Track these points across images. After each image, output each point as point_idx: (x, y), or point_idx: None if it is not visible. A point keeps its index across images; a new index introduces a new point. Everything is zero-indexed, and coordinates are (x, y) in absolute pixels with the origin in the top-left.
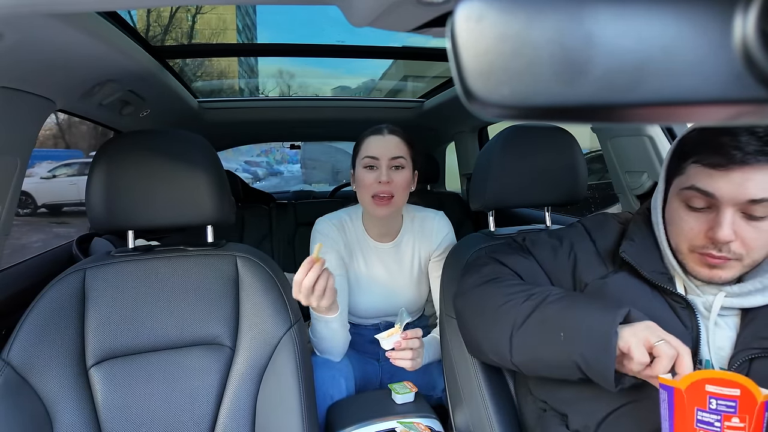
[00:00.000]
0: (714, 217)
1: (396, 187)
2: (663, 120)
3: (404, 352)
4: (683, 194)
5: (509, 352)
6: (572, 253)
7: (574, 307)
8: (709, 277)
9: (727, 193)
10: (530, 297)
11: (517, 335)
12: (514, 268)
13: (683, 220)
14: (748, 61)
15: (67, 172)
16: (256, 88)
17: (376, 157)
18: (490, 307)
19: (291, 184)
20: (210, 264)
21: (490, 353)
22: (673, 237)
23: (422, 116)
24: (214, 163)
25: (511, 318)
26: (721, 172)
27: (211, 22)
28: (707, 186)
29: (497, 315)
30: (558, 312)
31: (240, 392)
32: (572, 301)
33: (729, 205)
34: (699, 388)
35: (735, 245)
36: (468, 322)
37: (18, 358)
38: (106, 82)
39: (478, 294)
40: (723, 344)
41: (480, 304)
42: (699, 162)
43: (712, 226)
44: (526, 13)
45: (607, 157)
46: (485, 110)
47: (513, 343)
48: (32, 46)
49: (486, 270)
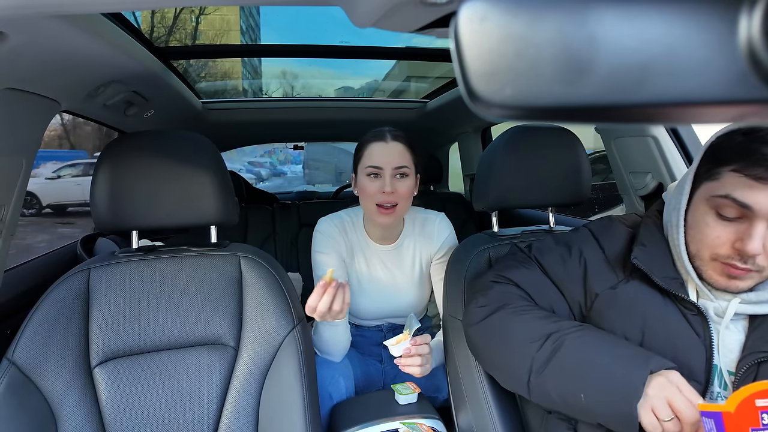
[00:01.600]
0: (745, 228)
1: (400, 197)
2: (667, 120)
3: (413, 359)
4: (715, 201)
5: (528, 393)
6: (582, 261)
7: (596, 359)
8: (726, 286)
9: (765, 207)
10: (548, 339)
11: (536, 380)
12: (521, 284)
13: (710, 227)
14: (753, 62)
15: (72, 173)
16: (259, 88)
17: (380, 166)
18: (504, 346)
19: (294, 184)
20: (213, 264)
21: (508, 386)
22: (695, 242)
23: (425, 117)
24: (218, 164)
25: (529, 363)
26: (762, 185)
27: (215, 23)
28: (745, 197)
29: (513, 357)
30: (578, 365)
31: (243, 392)
32: (592, 350)
33: (763, 218)
34: (749, 405)
35: (760, 258)
36: (482, 355)
37: (23, 357)
38: (111, 83)
39: (489, 326)
40: (732, 347)
41: (494, 339)
42: (739, 171)
43: (742, 238)
44: (530, 13)
45: (611, 158)
46: (488, 111)
47: (531, 387)
48: (37, 47)
49: (493, 294)
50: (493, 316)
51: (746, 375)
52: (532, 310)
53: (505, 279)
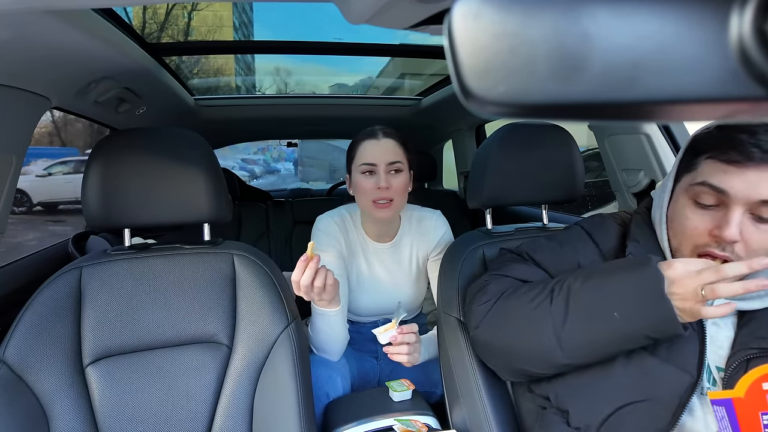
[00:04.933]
0: (722, 215)
1: (395, 192)
2: (659, 118)
3: (400, 347)
4: (693, 190)
5: (561, 354)
6: (576, 256)
7: (606, 281)
8: None
9: (740, 191)
10: (553, 293)
11: (564, 334)
12: (516, 276)
13: (688, 219)
14: (744, 59)
15: (63, 170)
16: (252, 85)
17: (374, 163)
18: (517, 323)
19: (288, 182)
20: (207, 262)
21: (534, 366)
22: (676, 236)
23: (419, 114)
24: (211, 161)
25: (549, 322)
26: (736, 169)
27: (208, 20)
28: (720, 182)
29: (530, 326)
30: (594, 294)
31: (237, 390)
32: (600, 278)
33: (739, 204)
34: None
35: (738, 247)
36: (497, 348)
37: (14, 356)
38: (102, 79)
39: (495, 316)
40: (722, 344)
41: (504, 324)
42: (714, 158)
43: (719, 225)
44: (523, 10)
45: (603, 155)
46: (482, 108)
47: (563, 344)
48: (27, 42)
49: (491, 288)
50: (496, 305)
51: (736, 371)
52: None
53: (500, 275)
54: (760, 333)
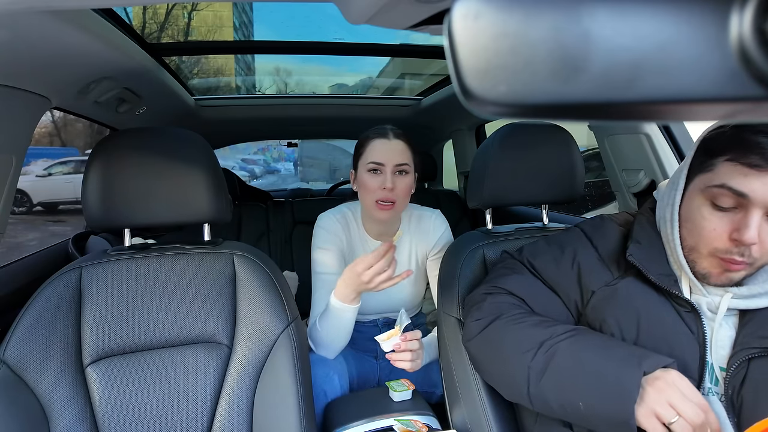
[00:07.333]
0: (741, 218)
1: (399, 194)
2: (659, 118)
3: (404, 354)
4: (710, 192)
5: (530, 403)
6: (575, 261)
7: (590, 360)
8: (720, 280)
9: (761, 194)
10: (540, 348)
11: (534, 391)
12: (515, 291)
13: (706, 220)
14: (744, 59)
15: (63, 170)
16: (252, 85)
17: (382, 162)
18: (501, 358)
19: (288, 182)
20: (207, 262)
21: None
22: (692, 236)
23: (420, 114)
24: (211, 161)
25: (524, 373)
26: (758, 172)
27: (208, 20)
28: (741, 186)
29: (510, 368)
30: (573, 368)
31: (237, 390)
32: (588, 351)
33: (759, 207)
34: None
35: (755, 248)
36: (483, 369)
37: (14, 356)
38: (102, 79)
39: (485, 340)
40: (723, 343)
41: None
42: (734, 160)
43: (738, 228)
44: (524, 10)
45: (603, 155)
46: (482, 108)
47: (532, 398)
48: (27, 43)
49: (486, 307)
50: (488, 329)
51: (737, 371)
52: (526, 317)
53: (498, 289)
54: (762, 332)
